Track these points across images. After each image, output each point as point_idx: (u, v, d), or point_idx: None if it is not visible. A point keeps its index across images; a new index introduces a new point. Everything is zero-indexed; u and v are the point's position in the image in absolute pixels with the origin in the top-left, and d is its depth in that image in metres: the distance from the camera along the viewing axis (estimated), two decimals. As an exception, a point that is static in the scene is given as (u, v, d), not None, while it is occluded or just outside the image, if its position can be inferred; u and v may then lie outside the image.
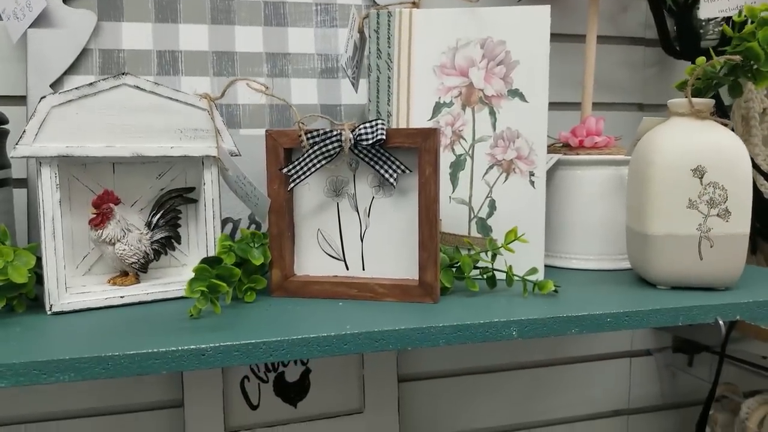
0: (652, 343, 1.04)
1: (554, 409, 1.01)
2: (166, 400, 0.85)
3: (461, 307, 0.55)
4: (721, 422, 0.92)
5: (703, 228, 0.59)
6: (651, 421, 1.05)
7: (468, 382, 0.96)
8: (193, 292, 0.49)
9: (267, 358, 0.47)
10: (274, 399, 0.85)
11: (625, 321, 0.54)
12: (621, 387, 1.03)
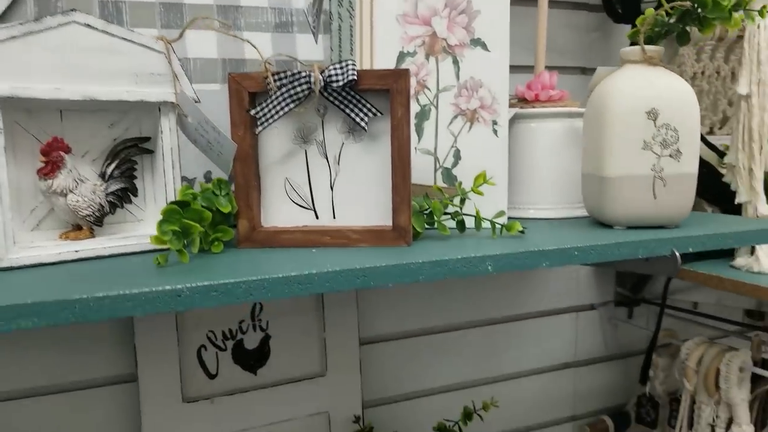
0: (596, 298, 1.09)
1: (509, 364, 1.04)
2: (120, 374, 0.80)
3: (435, 248, 0.56)
4: (662, 366, 0.98)
5: (656, 168, 0.62)
6: (597, 372, 1.11)
7: (427, 343, 0.97)
8: (164, 234, 0.46)
9: (247, 297, 0.45)
10: (233, 367, 0.82)
11: (591, 254, 0.56)
12: (568, 341, 1.08)
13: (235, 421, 0.81)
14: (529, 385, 1.05)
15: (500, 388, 1.03)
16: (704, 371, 0.88)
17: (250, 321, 0.83)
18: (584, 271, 1.07)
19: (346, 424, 0.87)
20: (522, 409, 1.06)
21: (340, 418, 0.87)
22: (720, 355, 0.87)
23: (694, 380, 0.89)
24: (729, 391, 0.85)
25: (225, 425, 0.81)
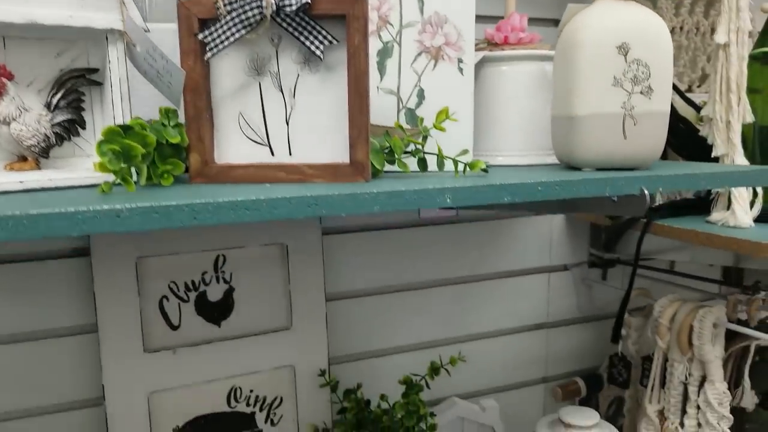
0: (569, 259, 1.08)
1: (479, 324, 1.02)
2: (79, 324, 0.78)
3: (394, 184, 0.54)
4: (634, 325, 0.97)
5: (627, 106, 0.60)
6: (570, 334, 1.10)
7: (395, 300, 0.96)
8: (103, 155, 0.44)
9: (191, 221, 0.43)
10: (195, 319, 0.81)
11: (556, 189, 0.54)
12: (541, 301, 1.07)
13: (198, 372, 0.80)
14: (500, 345, 1.05)
15: (470, 347, 1.02)
16: (677, 328, 0.87)
17: (213, 273, 0.81)
18: (557, 231, 1.06)
19: (312, 378, 0.85)
20: (492, 369, 1.05)
21: (305, 372, 0.85)
22: (694, 311, 0.86)
23: (667, 338, 0.88)
24: (702, 348, 0.84)
25: (188, 376, 0.79)
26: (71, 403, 0.80)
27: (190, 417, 0.81)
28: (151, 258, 0.77)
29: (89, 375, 0.79)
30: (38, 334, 0.77)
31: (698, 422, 0.87)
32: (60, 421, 0.79)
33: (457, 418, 0.95)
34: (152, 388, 0.77)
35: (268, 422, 0.85)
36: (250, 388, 0.84)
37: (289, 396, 0.86)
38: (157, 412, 0.78)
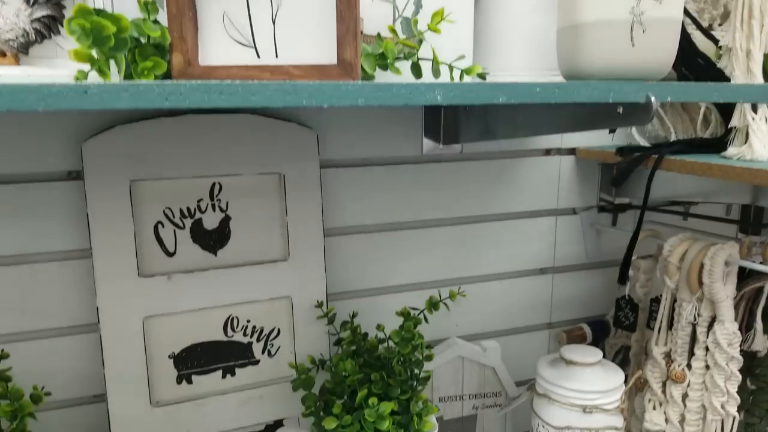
0: (578, 203, 1.04)
1: (482, 266, 1.00)
2: (73, 250, 0.78)
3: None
4: (644, 268, 0.94)
5: (635, 12, 0.56)
6: (576, 279, 1.07)
7: (396, 238, 0.94)
8: (72, 32, 0.42)
9: (162, 102, 0.41)
10: (191, 246, 0.80)
11: (555, 92, 0.51)
12: (547, 245, 1.04)
13: (194, 299, 0.79)
14: (503, 289, 1.02)
15: (472, 289, 0.99)
16: (687, 266, 0.83)
17: (209, 200, 0.80)
18: (566, 173, 1.02)
19: (310, 310, 0.84)
20: (495, 313, 1.03)
21: (303, 304, 0.84)
22: (705, 249, 0.83)
23: (676, 277, 0.85)
24: (712, 287, 0.81)
25: (183, 303, 0.79)
26: (66, 329, 0.80)
27: (186, 344, 0.80)
28: (145, 182, 0.76)
29: (84, 300, 0.79)
30: (32, 257, 0.77)
31: (706, 364, 0.84)
32: (55, 346, 0.79)
33: (456, 357, 0.94)
34: (147, 312, 0.77)
35: (265, 353, 0.85)
36: (247, 318, 0.83)
37: (287, 327, 0.85)
38: (152, 337, 0.78)
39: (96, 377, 0.79)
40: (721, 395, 0.83)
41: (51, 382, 0.79)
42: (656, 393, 0.89)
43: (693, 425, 0.86)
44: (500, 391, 0.97)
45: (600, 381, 0.80)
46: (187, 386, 0.81)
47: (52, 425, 0.81)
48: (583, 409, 0.79)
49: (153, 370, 0.79)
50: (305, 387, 0.78)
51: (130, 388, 0.77)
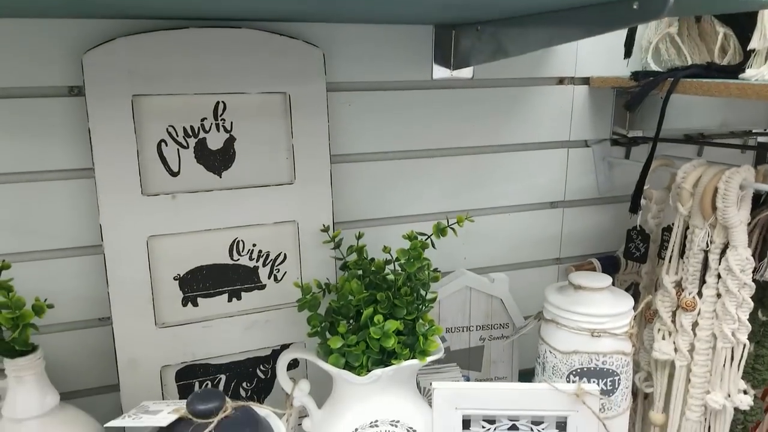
0: (590, 135, 1.02)
1: (491, 198, 0.99)
2: (75, 169, 0.77)
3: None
4: (656, 198, 0.92)
5: None
6: (587, 214, 1.06)
7: (404, 167, 0.92)
8: None
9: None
10: (196, 166, 0.78)
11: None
12: (558, 178, 1.02)
13: (198, 220, 0.78)
14: (513, 222, 1.01)
15: (480, 222, 0.98)
16: (701, 192, 0.81)
17: (213, 120, 0.78)
18: (579, 104, 1.00)
19: (316, 235, 0.83)
20: (503, 246, 1.02)
21: (309, 228, 0.83)
22: (719, 173, 0.80)
23: (689, 203, 0.83)
24: (726, 211, 0.79)
25: (188, 223, 0.78)
26: (70, 249, 0.79)
27: (192, 266, 0.80)
28: (147, 97, 0.74)
29: (87, 221, 0.78)
30: (33, 175, 0.76)
31: (717, 292, 0.83)
32: (59, 267, 0.79)
33: (464, 288, 0.93)
34: (151, 232, 0.76)
35: (271, 278, 0.84)
36: (253, 242, 0.82)
37: (293, 253, 0.84)
38: (156, 258, 0.77)
39: (101, 300, 0.79)
40: (732, 322, 0.82)
41: (56, 304, 0.79)
42: (666, 322, 0.88)
43: (702, 354, 0.85)
44: (507, 323, 0.96)
45: (608, 305, 0.79)
46: (192, 308, 0.81)
47: (58, 348, 0.81)
48: (591, 333, 0.78)
49: (158, 292, 0.78)
50: (311, 308, 0.77)
51: (135, 309, 0.77)
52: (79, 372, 0.83)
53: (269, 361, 0.86)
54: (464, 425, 0.72)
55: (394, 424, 0.75)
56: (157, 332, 0.78)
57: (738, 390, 0.85)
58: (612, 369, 0.79)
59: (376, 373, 0.73)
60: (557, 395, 0.70)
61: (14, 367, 0.62)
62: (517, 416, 0.71)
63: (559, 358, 0.81)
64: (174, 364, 0.80)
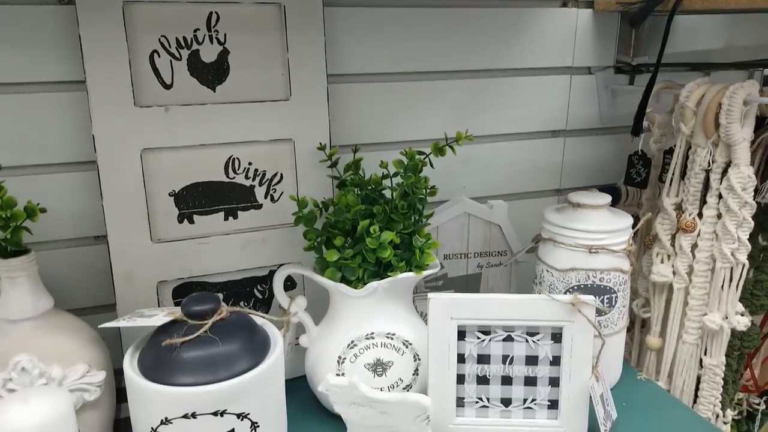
0: (594, 62, 1.00)
1: (492, 124, 0.97)
2: (67, 81, 0.76)
3: None
4: (659, 122, 0.91)
5: None
6: (589, 144, 1.04)
7: (403, 89, 0.91)
8: None
9: None
10: (189, 79, 0.77)
11: None
12: (560, 106, 1.00)
13: (192, 134, 0.77)
14: (513, 150, 1.00)
15: (480, 149, 0.97)
16: (704, 109, 0.80)
17: (206, 31, 0.76)
18: (582, 29, 0.97)
19: (312, 154, 0.82)
20: (503, 175, 1.01)
21: (305, 147, 0.82)
22: (723, 89, 0.79)
23: (692, 122, 0.82)
24: (729, 128, 0.78)
25: (182, 137, 0.77)
26: (64, 165, 0.79)
27: (187, 183, 0.79)
28: (138, 4, 0.72)
29: (81, 135, 0.77)
30: (24, 87, 0.75)
31: (718, 213, 0.82)
32: (53, 183, 0.79)
33: (462, 214, 0.92)
34: (145, 144, 0.75)
35: (267, 198, 0.83)
36: (249, 160, 0.81)
37: (290, 172, 0.83)
38: (151, 173, 0.77)
39: (97, 218, 0.78)
40: (731, 242, 0.81)
41: (51, 221, 0.79)
42: (665, 245, 0.87)
43: (701, 276, 0.85)
44: (505, 250, 0.96)
45: (607, 222, 0.79)
46: (188, 225, 0.80)
47: (54, 265, 0.81)
48: (588, 249, 0.78)
49: (153, 207, 0.78)
50: (306, 222, 0.77)
51: (130, 224, 0.76)
52: (76, 290, 0.83)
53: (266, 282, 0.86)
54: (459, 336, 0.72)
55: (390, 337, 0.75)
56: (153, 247, 0.78)
57: (735, 312, 0.84)
58: (609, 286, 0.79)
59: (372, 286, 0.73)
60: (553, 305, 0.70)
61: (7, 268, 0.62)
62: (513, 327, 0.71)
63: (556, 276, 0.80)
64: (171, 280, 0.80)
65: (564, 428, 0.73)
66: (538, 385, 0.73)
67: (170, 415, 0.58)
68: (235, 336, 0.62)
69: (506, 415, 0.74)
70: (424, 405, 0.66)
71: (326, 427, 0.77)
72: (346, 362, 0.74)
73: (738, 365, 0.94)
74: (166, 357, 0.59)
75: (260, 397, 0.61)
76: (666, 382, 0.91)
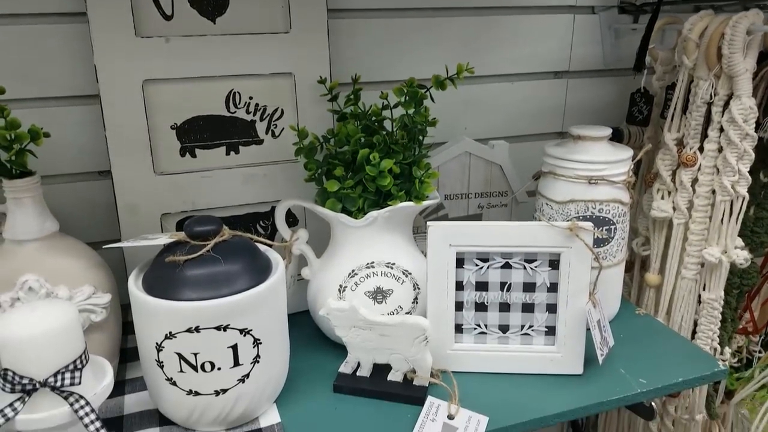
0: (598, 1, 0.99)
1: (495, 64, 0.97)
2: (68, 13, 0.76)
3: None
4: (662, 58, 0.90)
5: None
6: (592, 85, 1.04)
7: (405, 25, 0.91)
8: None
9: None
10: (189, 10, 0.77)
11: None
12: (563, 46, 1.00)
13: (193, 66, 0.78)
14: (515, 91, 0.99)
15: (483, 89, 0.97)
16: (707, 40, 0.79)
17: (206, -39, 0.76)
18: (587, -34, 0.96)
19: (313, 89, 0.82)
20: (505, 117, 1.01)
21: (306, 82, 0.82)
22: (726, 20, 0.78)
23: (695, 55, 0.81)
24: (732, 59, 0.77)
25: (183, 69, 0.77)
26: (67, 98, 0.80)
27: (188, 116, 0.80)
28: (136, -68, 0.72)
29: (83, 68, 0.78)
30: (26, 19, 0.75)
31: (719, 146, 0.82)
32: (57, 116, 0.80)
33: (463, 153, 0.92)
34: (146, 75, 0.76)
35: (269, 133, 0.84)
36: (250, 94, 0.82)
37: (290, 108, 0.84)
38: (153, 104, 0.77)
39: (100, 152, 0.80)
40: (732, 174, 0.81)
41: (55, 154, 0.80)
42: (665, 181, 0.87)
43: (701, 211, 0.85)
44: (506, 191, 0.96)
45: (607, 153, 0.79)
46: (191, 159, 0.81)
47: (59, 200, 0.82)
48: (588, 180, 0.78)
49: (156, 140, 0.78)
50: (307, 154, 0.77)
51: (134, 157, 0.77)
52: (82, 225, 0.84)
53: (268, 218, 0.87)
54: (458, 263, 0.73)
55: (389, 266, 0.76)
56: (156, 180, 0.79)
57: (735, 246, 0.85)
58: (608, 218, 0.79)
59: (372, 215, 0.74)
60: (551, 231, 0.70)
61: (12, 188, 0.63)
62: (511, 253, 0.72)
63: (556, 209, 0.81)
64: (174, 213, 0.81)
65: (561, 354, 0.74)
66: (536, 311, 0.74)
67: (174, 329, 0.59)
68: (237, 256, 0.63)
69: (504, 341, 0.75)
70: (423, 326, 0.68)
71: (328, 356, 0.78)
72: (347, 290, 0.76)
73: (737, 303, 0.95)
74: (170, 275, 0.61)
75: (262, 315, 0.63)
76: (665, 318, 0.92)
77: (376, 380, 0.72)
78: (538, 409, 0.69)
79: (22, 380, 0.52)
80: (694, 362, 0.77)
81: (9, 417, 0.52)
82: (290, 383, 0.71)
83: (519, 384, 0.73)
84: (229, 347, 0.61)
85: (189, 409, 0.63)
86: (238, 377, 0.62)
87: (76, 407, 0.54)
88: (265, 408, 0.68)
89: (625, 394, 0.71)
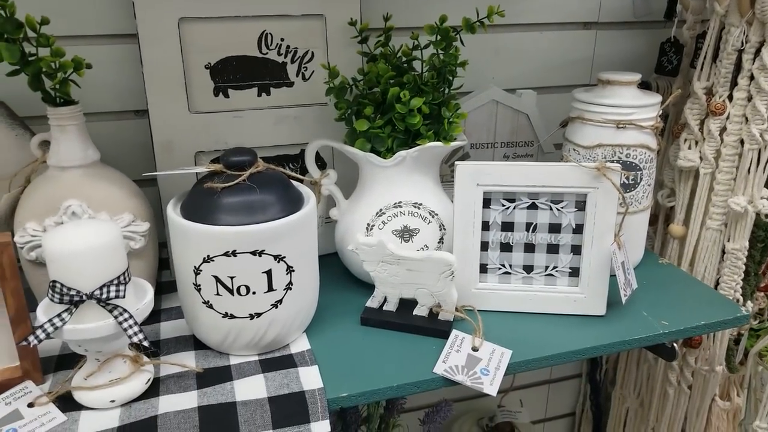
0: (630, -49, 0.98)
1: (524, 13, 0.97)
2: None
3: None
4: (693, 7, 0.89)
5: None
6: (621, 37, 1.03)
7: (435, -27, 0.91)
8: None
9: None
10: (223, -50, 0.78)
11: None
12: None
13: (225, 3, 0.78)
14: (544, 41, 0.99)
15: (511, 39, 0.97)
16: (740, -14, 0.79)
17: None
18: None
19: (344, 31, 0.83)
20: (533, 67, 1.01)
21: (336, 24, 0.83)
22: (762, -35, 0.77)
23: (727, 1, 0.81)
24: (765, 4, 0.77)
25: (217, 7, 0.78)
26: (105, 37, 0.81)
27: (222, 56, 0.81)
28: None
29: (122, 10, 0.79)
30: None
31: (748, 95, 0.82)
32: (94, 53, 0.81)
33: (491, 102, 0.93)
34: (182, 13, 0.77)
35: (299, 76, 0.85)
36: (281, 36, 0.83)
37: (321, 51, 0.85)
38: (188, 43, 0.78)
39: (137, 92, 0.81)
40: (761, 123, 0.81)
41: (93, 93, 0.82)
42: (693, 131, 0.87)
43: (728, 160, 0.85)
44: (532, 141, 0.97)
45: (635, 98, 0.79)
46: (223, 99, 0.83)
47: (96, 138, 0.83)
48: (616, 125, 0.78)
49: (190, 79, 0.80)
50: (337, 94, 0.78)
51: (169, 95, 0.79)
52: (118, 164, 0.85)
53: (298, 161, 0.89)
54: (484, 204, 0.74)
55: (417, 206, 0.78)
56: (191, 118, 0.81)
57: (761, 196, 0.85)
58: (635, 163, 0.80)
59: (401, 154, 0.75)
60: (579, 172, 0.71)
61: (56, 115, 0.65)
62: (537, 194, 0.73)
63: (582, 154, 0.81)
64: (207, 151, 0.83)
65: (584, 295, 0.75)
66: (561, 252, 0.75)
67: (212, 252, 0.62)
68: (272, 187, 0.65)
69: (528, 281, 0.77)
70: (449, 261, 0.69)
71: (355, 294, 0.80)
72: (374, 228, 0.77)
73: (761, 257, 0.95)
74: (208, 202, 0.63)
75: (295, 243, 0.65)
76: (688, 269, 0.92)
77: (403, 314, 0.74)
78: (561, 344, 0.70)
79: (69, 291, 0.55)
80: (716, 308, 0.78)
81: (57, 326, 0.55)
82: (319, 316, 0.73)
83: (542, 323, 0.75)
84: (264, 272, 0.63)
85: (224, 333, 0.66)
86: (272, 302, 0.65)
87: (120, 320, 0.57)
88: (295, 336, 0.70)
89: (647, 334, 0.73)
